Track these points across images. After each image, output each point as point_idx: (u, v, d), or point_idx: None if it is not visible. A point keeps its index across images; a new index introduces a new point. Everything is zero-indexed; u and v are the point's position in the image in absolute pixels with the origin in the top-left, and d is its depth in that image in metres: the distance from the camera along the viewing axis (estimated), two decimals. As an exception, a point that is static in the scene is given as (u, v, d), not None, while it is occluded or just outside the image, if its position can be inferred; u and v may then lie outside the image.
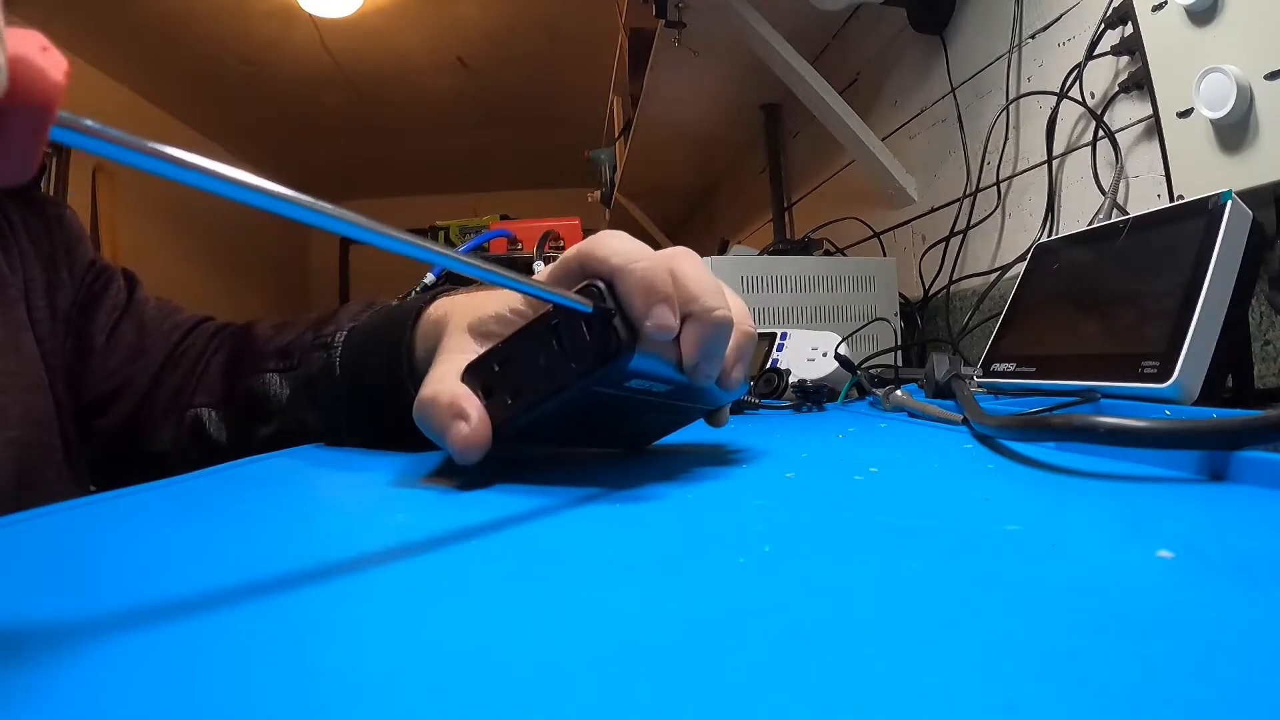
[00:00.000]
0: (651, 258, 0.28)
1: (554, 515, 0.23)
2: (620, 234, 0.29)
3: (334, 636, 0.13)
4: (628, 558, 0.18)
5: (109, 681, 0.11)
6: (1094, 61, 0.75)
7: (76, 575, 0.18)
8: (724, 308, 0.30)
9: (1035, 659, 0.11)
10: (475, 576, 0.17)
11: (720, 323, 0.29)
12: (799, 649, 0.12)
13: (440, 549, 0.19)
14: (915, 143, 1.16)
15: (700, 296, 0.29)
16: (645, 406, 0.32)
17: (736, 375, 0.33)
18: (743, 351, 0.33)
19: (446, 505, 0.26)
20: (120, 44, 2.84)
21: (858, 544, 0.18)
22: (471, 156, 4.10)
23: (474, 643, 0.13)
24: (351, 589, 0.16)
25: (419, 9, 2.78)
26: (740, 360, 0.33)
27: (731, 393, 0.34)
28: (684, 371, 0.30)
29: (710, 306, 0.29)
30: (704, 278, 0.30)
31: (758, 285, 0.95)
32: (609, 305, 0.27)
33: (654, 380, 0.29)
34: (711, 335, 0.29)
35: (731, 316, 0.30)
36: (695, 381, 0.30)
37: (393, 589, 0.16)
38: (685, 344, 0.29)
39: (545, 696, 0.11)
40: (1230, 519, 0.20)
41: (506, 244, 1.58)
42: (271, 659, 0.12)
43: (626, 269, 0.27)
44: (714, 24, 1.17)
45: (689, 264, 0.30)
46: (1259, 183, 0.51)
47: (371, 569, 0.18)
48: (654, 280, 0.27)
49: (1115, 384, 0.41)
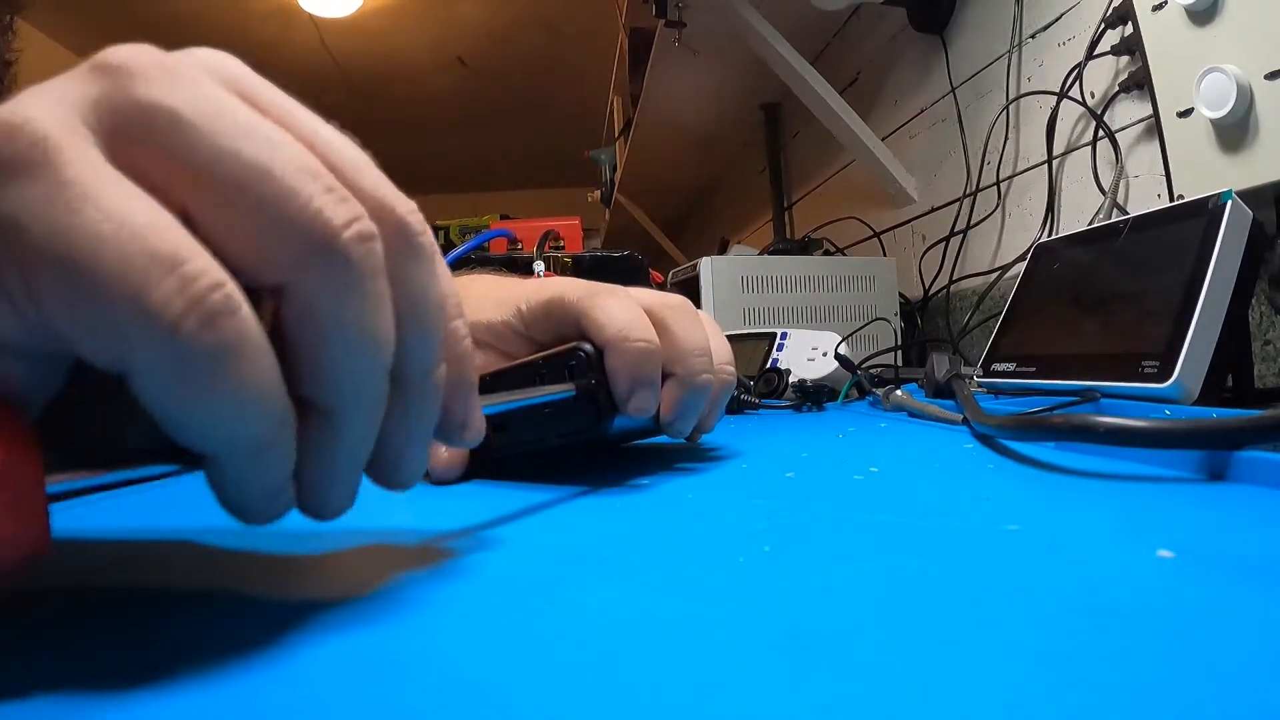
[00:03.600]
0: (646, 332, 0.28)
1: (551, 513, 0.23)
2: (619, 295, 0.29)
3: (332, 637, 0.13)
4: (627, 557, 0.18)
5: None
6: (1094, 61, 0.75)
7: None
8: (707, 371, 0.30)
9: (1035, 659, 0.11)
10: (472, 575, 0.17)
11: (702, 387, 0.30)
12: (799, 649, 0.12)
13: (437, 548, 0.19)
14: (915, 143, 1.16)
15: (686, 358, 0.30)
16: (620, 439, 0.34)
17: (711, 421, 0.34)
18: (718, 400, 0.34)
19: (440, 501, 0.26)
20: (120, 43, 2.84)
21: (858, 543, 0.18)
22: (471, 156, 4.10)
23: (473, 642, 0.13)
24: (350, 591, 0.16)
25: (419, 9, 2.78)
26: (715, 408, 0.34)
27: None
28: (660, 424, 0.31)
29: (695, 370, 0.30)
30: (691, 335, 0.30)
31: (758, 285, 0.95)
32: (593, 381, 0.28)
33: (629, 431, 0.31)
34: (690, 398, 0.30)
35: (713, 378, 0.31)
36: (669, 435, 0.31)
37: (392, 590, 0.16)
38: (665, 402, 0.30)
39: (544, 696, 0.11)
40: (1230, 519, 0.20)
41: (506, 244, 1.58)
42: (269, 659, 0.12)
43: (619, 346, 0.27)
44: (714, 24, 1.17)
45: (679, 317, 0.30)
46: (1259, 183, 0.51)
47: (370, 571, 0.18)
48: (643, 363, 0.27)
49: (1115, 384, 0.41)
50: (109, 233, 0.11)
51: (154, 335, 0.11)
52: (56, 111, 0.12)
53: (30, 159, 0.11)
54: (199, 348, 0.11)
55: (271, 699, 0.11)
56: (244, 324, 0.12)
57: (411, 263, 0.15)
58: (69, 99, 0.12)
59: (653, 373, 0.28)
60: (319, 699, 0.11)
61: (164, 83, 0.13)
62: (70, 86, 0.13)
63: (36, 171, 0.11)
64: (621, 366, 0.27)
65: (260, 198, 0.12)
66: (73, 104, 0.12)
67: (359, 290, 0.13)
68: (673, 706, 0.10)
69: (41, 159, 0.11)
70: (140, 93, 0.12)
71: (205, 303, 0.11)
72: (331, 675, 0.12)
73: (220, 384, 0.12)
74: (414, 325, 0.15)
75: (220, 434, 0.12)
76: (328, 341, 0.13)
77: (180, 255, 0.11)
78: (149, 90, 0.12)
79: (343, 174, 0.14)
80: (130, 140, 0.12)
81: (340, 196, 0.13)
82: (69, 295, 0.11)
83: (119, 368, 0.12)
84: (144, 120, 0.12)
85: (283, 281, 0.13)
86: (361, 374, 0.14)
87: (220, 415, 0.12)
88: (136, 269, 0.11)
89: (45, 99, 0.12)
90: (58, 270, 0.11)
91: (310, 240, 0.13)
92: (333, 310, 0.13)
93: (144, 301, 0.11)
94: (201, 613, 0.15)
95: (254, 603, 0.16)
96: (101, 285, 0.11)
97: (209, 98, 0.13)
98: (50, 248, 0.11)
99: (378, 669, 0.12)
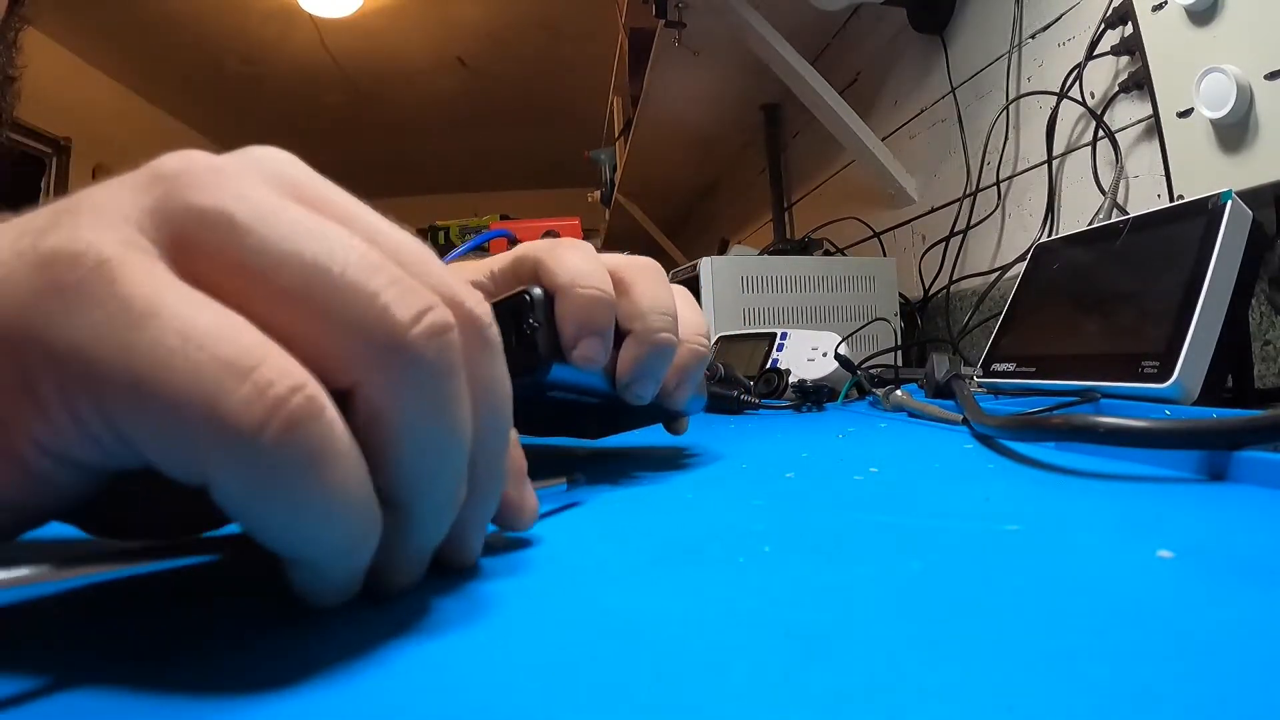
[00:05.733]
0: (600, 281, 0.27)
1: (547, 510, 0.23)
2: (581, 248, 0.28)
3: (328, 638, 0.13)
4: (627, 557, 0.18)
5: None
6: (1094, 61, 0.75)
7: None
8: (668, 330, 0.28)
9: (1035, 659, 0.11)
10: (471, 575, 0.17)
11: (660, 345, 0.28)
12: (798, 649, 0.12)
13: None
14: (915, 143, 1.16)
15: (646, 315, 0.28)
16: (581, 409, 0.31)
17: (679, 395, 0.31)
18: (687, 372, 0.31)
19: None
20: (120, 44, 2.84)
21: (858, 544, 0.18)
22: (471, 156, 4.10)
23: (472, 642, 0.13)
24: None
25: (419, 9, 2.78)
26: (684, 381, 0.31)
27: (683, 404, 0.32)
28: (615, 389, 0.28)
29: (653, 328, 0.28)
30: (655, 294, 0.28)
31: (758, 285, 0.95)
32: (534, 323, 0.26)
33: (581, 393, 0.28)
34: (648, 358, 0.28)
35: (674, 339, 0.29)
36: (627, 399, 0.29)
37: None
38: (621, 361, 0.28)
39: (545, 695, 0.11)
40: (1230, 519, 0.20)
41: (506, 244, 1.58)
42: (268, 658, 0.12)
43: (570, 290, 0.26)
44: (714, 24, 1.17)
45: (643, 276, 0.29)
46: (1259, 183, 0.51)
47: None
48: (593, 310, 0.26)
49: (1115, 384, 0.41)
50: (176, 345, 0.11)
51: (232, 445, 0.11)
52: (114, 230, 0.12)
53: (93, 284, 0.11)
54: (282, 456, 0.11)
55: (269, 696, 0.11)
56: (329, 428, 0.11)
57: (484, 355, 0.14)
58: (124, 212, 0.12)
59: (603, 322, 0.26)
60: (319, 699, 0.11)
61: (217, 187, 0.12)
62: (124, 198, 0.12)
63: (101, 295, 0.11)
64: (571, 312, 0.26)
65: (325, 296, 0.12)
66: (128, 218, 0.12)
67: (435, 388, 0.13)
68: (673, 706, 0.10)
69: (105, 282, 0.11)
70: (195, 199, 0.12)
71: (286, 408, 0.11)
72: (330, 676, 0.12)
73: (306, 492, 0.11)
74: (488, 416, 0.14)
75: (308, 541, 0.12)
76: (403, 442, 0.13)
77: (253, 358, 0.11)
78: (203, 196, 0.12)
79: (409, 269, 0.13)
80: (190, 247, 0.12)
81: (408, 288, 0.13)
82: (143, 415, 0.11)
83: (200, 481, 0.11)
84: (201, 226, 0.12)
85: (355, 380, 0.12)
86: (438, 474, 0.13)
87: (308, 523, 0.12)
88: (208, 378, 0.11)
89: (102, 217, 0.12)
90: (129, 391, 0.11)
91: (379, 337, 0.12)
92: (407, 410, 0.12)
93: (218, 410, 0.11)
94: (200, 619, 0.15)
95: (248, 602, 0.16)
96: (173, 399, 0.11)
97: (264, 199, 0.12)
98: (119, 370, 0.11)
99: (379, 669, 0.12)
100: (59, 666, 0.12)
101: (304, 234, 0.12)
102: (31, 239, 0.12)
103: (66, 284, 0.11)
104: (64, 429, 0.11)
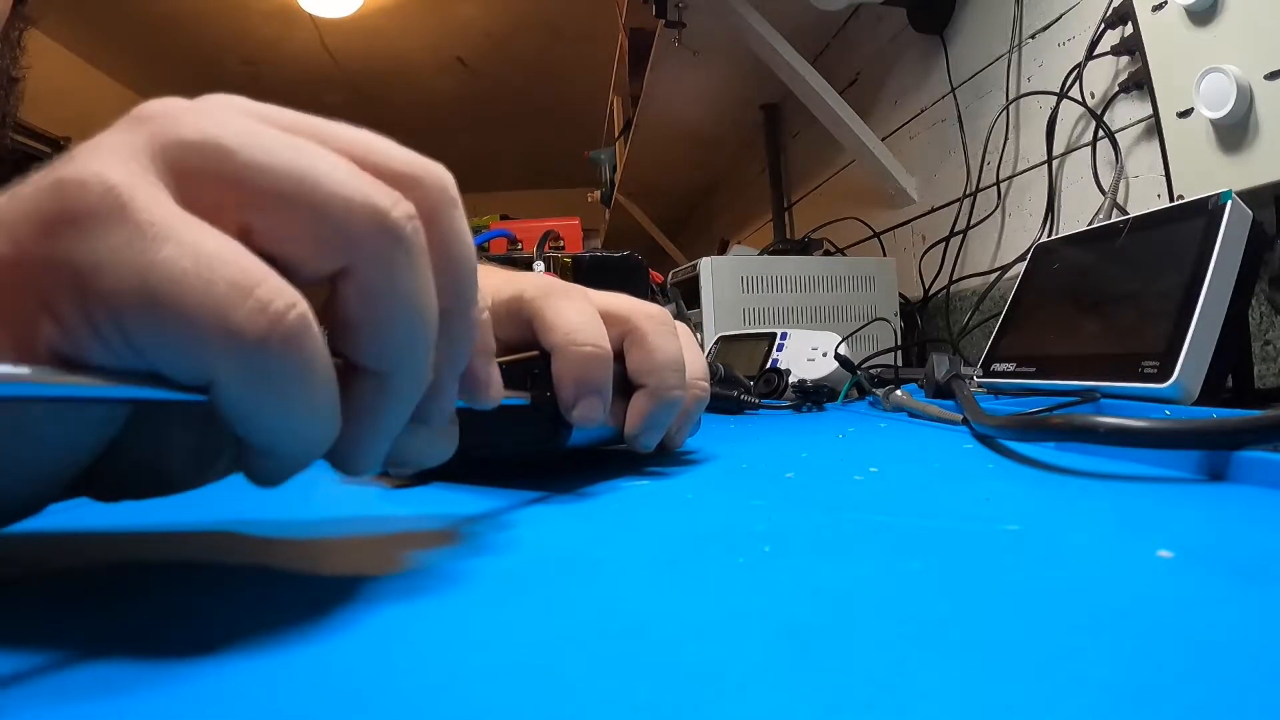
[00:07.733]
0: (596, 337, 0.27)
1: (550, 513, 0.23)
2: (577, 299, 0.28)
3: (326, 640, 0.13)
4: (626, 557, 0.18)
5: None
6: (1094, 61, 0.75)
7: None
8: (679, 386, 0.29)
9: (1035, 659, 0.11)
10: (470, 576, 0.17)
11: (673, 402, 0.29)
12: (798, 650, 0.12)
13: (430, 548, 0.19)
14: (915, 143, 1.16)
15: (658, 369, 0.29)
16: (585, 450, 0.32)
17: (680, 438, 0.33)
18: (690, 416, 0.32)
19: (423, 503, 0.26)
20: (120, 44, 2.84)
21: (858, 544, 0.18)
22: (471, 156, 4.10)
23: (471, 643, 0.13)
24: (346, 591, 0.16)
25: (419, 9, 2.78)
26: (685, 424, 0.33)
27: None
28: (624, 438, 0.30)
29: (667, 384, 0.29)
30: (668, 348, 0.29)
31: (758, 285, 0.95)
32: (548, 393, 0.26)
33: (591, 443, 0.30)
34: (660, 411, 0.29)
35: (684, 393, 0.30)
36: (634, 448, 0.30)
37: (390, 593, 0.16)
38: (632, 413, 0.29)
39: (544, 695, 0.11)
40: (1230, 519, 0.20)
41: (506, 244, 1.58)
42: (265, 658, 0.12)
43: (564, 351, 0.26)
44: (714, 24, 1.17)
45: (654, 328, 0.29)
46: (1259, 183, 0.51)
47: (367, 572, 0.18)
48: (589, 368, 0.26)
49: (1115, 384, 0.41)
50: (189, 267, 0.12)
51: (239, 352, 0.12)
52: (117, 160, 0.13)
53: (105, 208, 0.12)
54: (280, 360, 0.13)
55: (267, 696, 0.11)
56: (316, 339, 0.13)
57: (453, 210, 0.16)
58: (121, 149, 0.13)
59: (600, 380, 0.26)
60: (319, 700, 0.11)
61: (201, 120, 0.14)
62: (117, 139, 0.13)
63: (114, 218, 0.12)
64: (566, 371, 0.26)
65: (315, 198, 0.14)
66: (126, 152, 0.13)
67: (413, 261, 0.15)
68: (673, 707, 0.10)
69: (116, 206, 0.12)
70: (184, 133, 0.13)
71: (284, 321, 0.13)
72: (329, 676, 0.12)
73: (297, 391, 0.13)
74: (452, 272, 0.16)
75: (287, 433, 0.14)
76: (390, 312, 0.14)
77: (253, 279, 0.12)
78: (190, 130, 0.14)
79: (375, 162, 0.15)
80: (186, 175, 0.13)
81: (381, 186, 0.14)
82: (160, 326, 0.12)
83: (204, 380, 0.13)
84: (195, 155, 0.13)
85: (345, 265, 0.14)
86: (417, 337, 0.15)
87: (293, 418, 0.13)
88: (219, 296, 0.12)
89: (100, 152, 0.13)
90: (147, 306, 0.12)
91: (367, 223, 0.14)
92: (393, 282, 0.14)
93: (228, 323, 0.12)
94: (174, 615, 0.15)
95: (245, 602, 0.16)
96: (190, 314, 0.12)
97: (245, 125, 0.14)
98: (138, 287, 0.12)
99: (377, 670, 0.12)
100: (54, 645, 0.12)
101: (288, 147, 0.14)
102: (35, 182, 0.13)
103: (79, 211, 0.12)
104: (81, 341, 0.13)
